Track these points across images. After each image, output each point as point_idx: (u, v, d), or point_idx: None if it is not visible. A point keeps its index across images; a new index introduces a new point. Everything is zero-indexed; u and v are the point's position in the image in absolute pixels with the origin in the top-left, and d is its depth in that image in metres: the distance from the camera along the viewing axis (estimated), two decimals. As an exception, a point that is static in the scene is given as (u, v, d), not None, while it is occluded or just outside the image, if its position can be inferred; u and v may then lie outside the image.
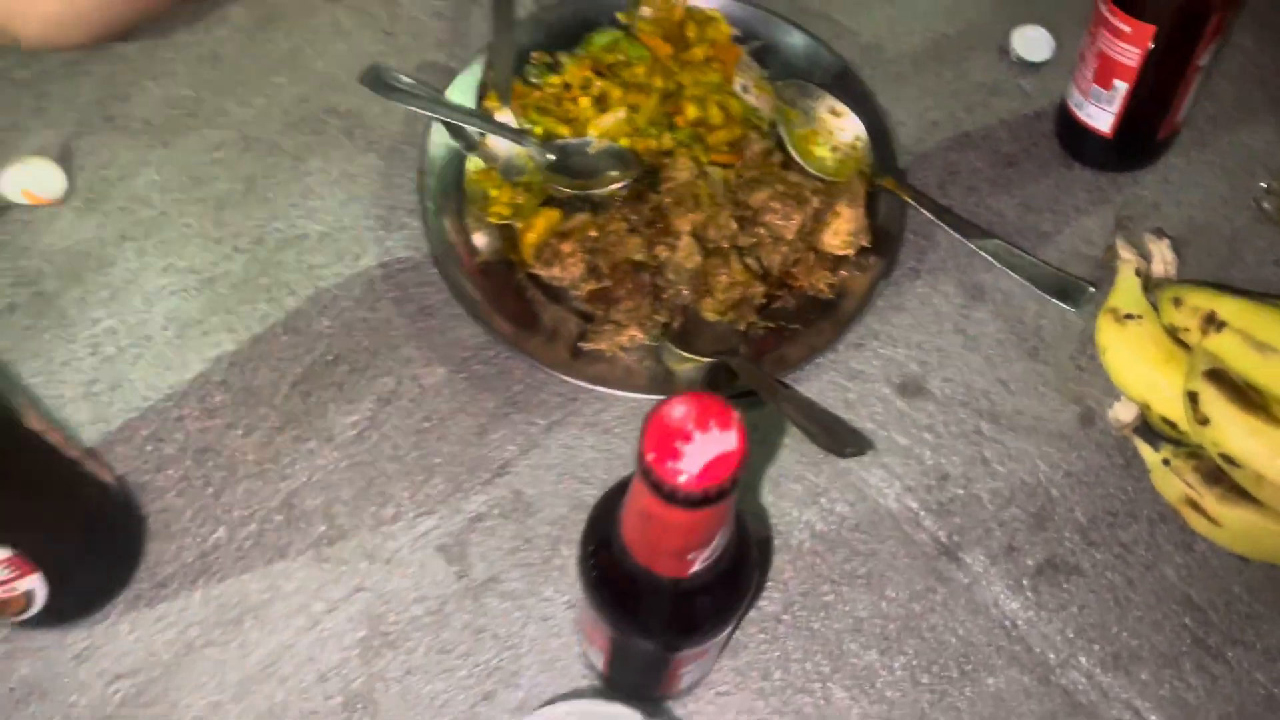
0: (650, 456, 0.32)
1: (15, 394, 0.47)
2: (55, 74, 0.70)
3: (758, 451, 0.60)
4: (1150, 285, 0.63)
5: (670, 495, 0.32)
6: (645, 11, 0.70)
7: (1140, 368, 0.60)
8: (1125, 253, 0.63)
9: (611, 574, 0.41)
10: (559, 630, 0.56)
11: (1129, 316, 0.61)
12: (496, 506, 0.58)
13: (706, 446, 0.32)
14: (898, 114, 0.71)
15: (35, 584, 0.49)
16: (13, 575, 0.47)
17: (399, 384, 0.61)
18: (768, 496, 0.59)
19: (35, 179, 0.64)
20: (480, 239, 0.65)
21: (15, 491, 0.46)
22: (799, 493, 0.59)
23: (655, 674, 0.47)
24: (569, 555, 0.57)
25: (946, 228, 0.65)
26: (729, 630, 0.46)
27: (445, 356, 0.62)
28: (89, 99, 0.69)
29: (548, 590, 0.56)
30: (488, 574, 0.57)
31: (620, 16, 0.71)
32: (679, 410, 0.32)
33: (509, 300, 0.63)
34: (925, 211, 0.65)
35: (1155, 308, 0.61)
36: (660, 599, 0.40)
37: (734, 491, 0.33)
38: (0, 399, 0.45)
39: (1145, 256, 0.64)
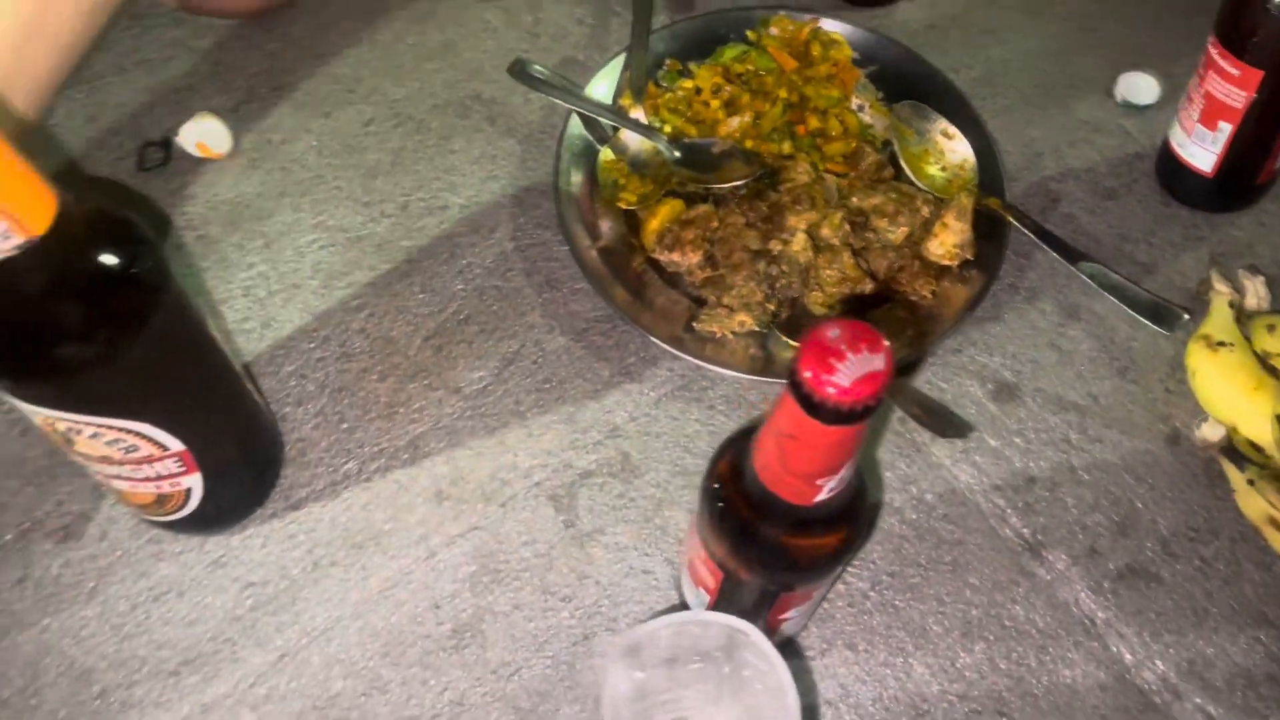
0: (806, 373, 0.35)
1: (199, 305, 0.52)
2: (230, 46, 0.77)
3: (855, 438, 0.63)
4: (1243, 317, 0.66)
5: (819, 407, 0.36)
6: (774, 30, 0.75)
7: (1230, 392, 0.62)
8: (1220, 285, 0.66)
9: (736, 503, 0.44)
10: (658, 584, 0.59)
11: (1221, 344, 0.64)
12: (605, 465, 0.62)
13: (858, 365, 0.35)
14: (1005, 143, 0.75)
15: (195, 484, 0.54)
16: (180, 470, 0.52)
17: (523, 346, 0.66)
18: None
19: (208, 135, 0.71)
20: (605, 223, 0.70)
21: (196, 391, 0.51)
22: (891, 480, 0.62)
23: (759, 618, 0.50)
24: (670, 517, 0.61)
25: (1046, 248, 0.69)
26: (832, 578, 0.49)
27: (567, 326, 0.67)
28: (259, 69, 0.76)
29: (649, 547, 0.60)
30: (593, 526, 0.61)
31: (749, 33, 0.76)
32: (834, 332, 0.36)
33: (628, 280, 0.67)
34: (1027, 232, 0.69)
35: (1247, 339, 0.64)
36: (782, 527, 0.43)
37: (875, 411, 0.36)
38: (190, 304, 0.50)
39: (1239, 290, 0.67)
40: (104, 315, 0.43)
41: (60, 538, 0.59)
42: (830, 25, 0.76)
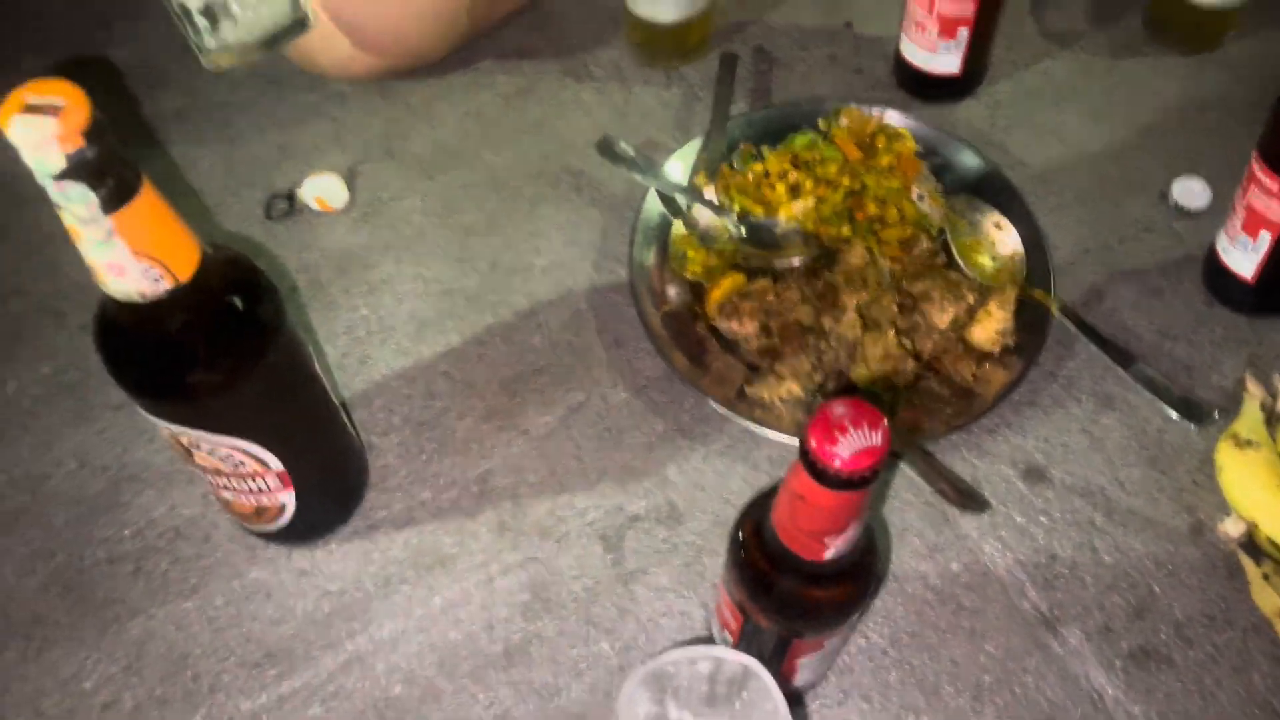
0: (812, 442, 0.41)
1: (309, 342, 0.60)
2: (353, 111, 0.86)
3: (888, 505, 0.68)
4: (1273, 420, 0.68)
5: (822, 474, 0.41)
6: (843, 121, 0.81)
7: (1253, 490, 0.65)
8: (1254, 387, 0.69)
9: (756, 554, 0.49)
10: (692, 626, 0.64)
11: (1249, 443, 0.67)
12: (653, 512, 0.68)
13: (858, 439, 0.41)
14: (1055, 237, 0.79)
15: (289, 500, 0.61)
16: (278, 486, 0.60)
17: (588, 398, 0.72)
18: (891, 544, 0.67)
19: (326, 190, 0.80)
20: (672, 290, 0.76)
21: (298, 417, 0.59)
22: (919, 546, 0.67)
23: (776, 661, 0.55)
24: (709, 565, 0.66)
25: (1087, 340, 0.72)
26: (843, 631, 0.54)
27: (630, 382, 0.73)
28: (376, 134, 0.85)
29: (686, 589, 0.65)
30: (638, 566, 0.66)
31: (820, 123, 0.82)
32: (840, 410, 0.41)
33: (689, 344, 0.73)
34: (1069, 323, 0.73)
35: (1275, 440, 0.67)
36: (793, 579, 0.48)
37: (873, 482, 0.42)
38: (301, 344, 0.58)
39: (1272, 394, 0.70)
40: (230, 350, 0.51)
41: (171, 537, 0.67)
42: (898, 119, 0.82)
